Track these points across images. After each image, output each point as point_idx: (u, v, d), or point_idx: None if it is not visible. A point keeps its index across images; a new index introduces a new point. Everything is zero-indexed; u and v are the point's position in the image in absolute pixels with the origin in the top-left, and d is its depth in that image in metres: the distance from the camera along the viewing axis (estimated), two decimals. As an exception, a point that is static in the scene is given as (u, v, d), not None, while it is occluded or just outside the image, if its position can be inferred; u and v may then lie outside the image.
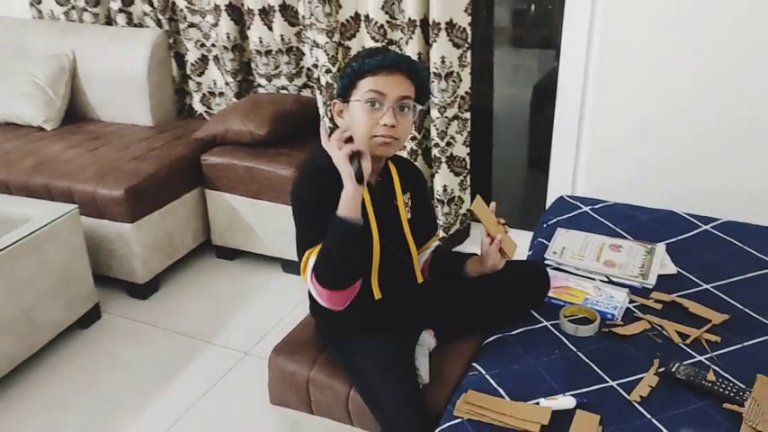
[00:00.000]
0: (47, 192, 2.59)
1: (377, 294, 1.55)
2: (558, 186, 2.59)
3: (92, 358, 2.37)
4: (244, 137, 2.73)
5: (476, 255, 1.66)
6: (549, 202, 2.49)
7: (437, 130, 2.54)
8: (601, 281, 1.83)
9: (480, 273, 1.61)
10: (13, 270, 2.12)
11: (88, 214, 2.54)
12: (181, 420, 2.08)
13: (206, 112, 3.26)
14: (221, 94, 3.18)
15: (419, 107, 1.51)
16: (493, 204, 1.58)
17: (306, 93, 2.97)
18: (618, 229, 2.09)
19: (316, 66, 2.71)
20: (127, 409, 2.13)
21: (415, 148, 2.66)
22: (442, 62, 2.43)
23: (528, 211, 3.10)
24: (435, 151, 2.60)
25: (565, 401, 1.40)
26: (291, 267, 2.83)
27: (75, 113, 3.18)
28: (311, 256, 1.43)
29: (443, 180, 2.64)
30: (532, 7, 3.52)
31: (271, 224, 2.76)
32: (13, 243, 2.11)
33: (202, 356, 2.37)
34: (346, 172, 1.38)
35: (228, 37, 2.91)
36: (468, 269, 1.64)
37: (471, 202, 2.71)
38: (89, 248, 2.47)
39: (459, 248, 2.80)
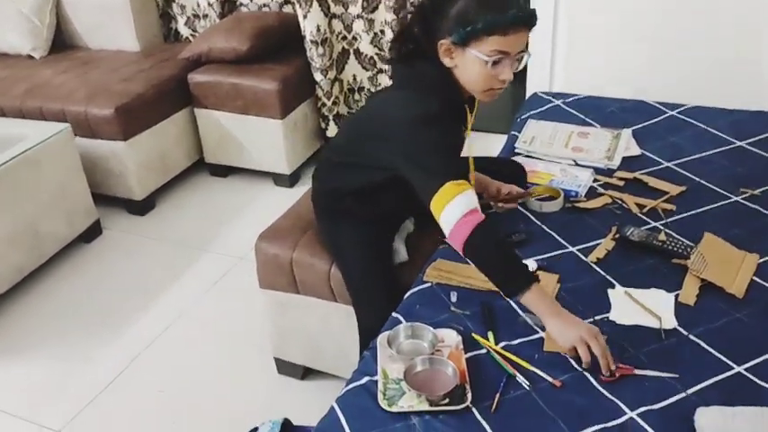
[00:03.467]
0: (40, 114, 2.68)
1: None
2: (535, 87, 2.65)
3: (96, 268, 2.51)
4: (228, 54, 2.79)
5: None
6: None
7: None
8: (568, 164, 1.92)
9: None
10: (13, 184, 2.24)
11: (82, 135, 2.64)
12: (183, 316, 2.23)
13: (191, 35, 3.30)
14: (205, 16, 3.21)
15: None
16: None
17: (287, 9, 3.01)
18: (587, 119, 2.16)
19: (294, -21, 2.74)
20: (131, 310, 2.28)
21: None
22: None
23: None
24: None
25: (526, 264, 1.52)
26: (283, 181, 2.93)
27: (62, 42, 3.24)
28: (459, 195, 1.32)
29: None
30: None
31: (260, 139, 2.85)
32: (11, 159, 2.23)
33: (199, 263, 2.50)
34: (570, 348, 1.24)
35: (208, -44, 2.94)
36: None
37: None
38: (86, 168, 2.58)
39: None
